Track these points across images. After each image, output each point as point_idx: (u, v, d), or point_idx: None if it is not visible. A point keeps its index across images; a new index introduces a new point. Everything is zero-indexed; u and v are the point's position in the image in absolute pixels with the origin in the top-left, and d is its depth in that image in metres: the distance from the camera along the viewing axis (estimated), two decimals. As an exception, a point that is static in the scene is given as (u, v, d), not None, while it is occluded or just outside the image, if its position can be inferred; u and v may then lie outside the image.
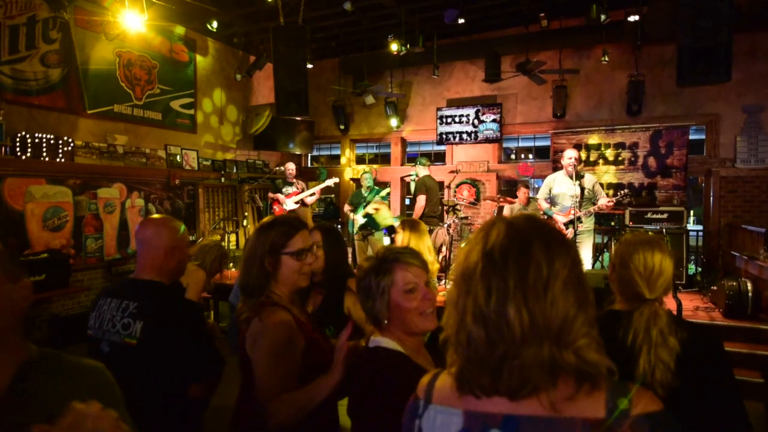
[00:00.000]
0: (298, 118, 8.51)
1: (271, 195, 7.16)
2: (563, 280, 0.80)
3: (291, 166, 7.35)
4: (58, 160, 5.82)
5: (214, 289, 3.95)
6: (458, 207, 6.97)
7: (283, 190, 7.07)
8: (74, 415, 0.90)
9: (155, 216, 1.92)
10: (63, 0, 5.93)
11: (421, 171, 6.87)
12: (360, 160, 10.09)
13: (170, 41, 7.52)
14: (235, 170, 8.62)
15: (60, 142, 5.84)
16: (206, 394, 1.83)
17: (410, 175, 7.19)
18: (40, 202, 5.67)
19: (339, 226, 9.40)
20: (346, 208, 7.28)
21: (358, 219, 6.87)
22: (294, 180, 7.25)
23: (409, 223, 3.26)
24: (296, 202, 7.05)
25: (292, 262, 1.64)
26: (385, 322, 1.38)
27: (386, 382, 1.30)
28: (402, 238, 3.13)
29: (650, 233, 1.67)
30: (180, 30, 7.63)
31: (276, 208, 7.08)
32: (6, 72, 5.44)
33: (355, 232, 6.94)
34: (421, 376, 0.98)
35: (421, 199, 6.72)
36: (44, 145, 5.69)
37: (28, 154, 5.53)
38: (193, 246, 3.25)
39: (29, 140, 5.54)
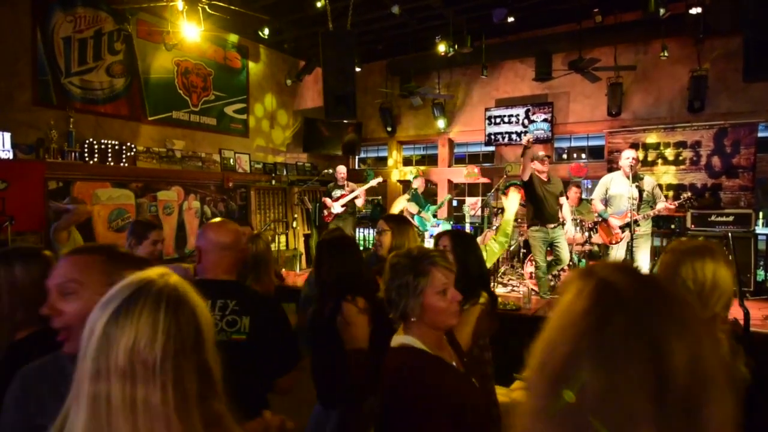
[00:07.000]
0: (346, 121, 8.60)
1: (323, 199, 7.22)
2: None
3: (341, 169, 7.25)
4: (121, 164, 6.15)
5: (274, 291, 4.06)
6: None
7: (333, 194, 7.03)
8: (262, 423, 1.13)
9: (215, 220, 2.03)
10: (126, 13, 6.27)
11: None
12: (407, 161, 10.09)
13: (224, 49, 7.80)
14: (285, 173, 8.83)
15: (123, 147, 6.18)
16: (292, 386, 1.93)
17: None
18: (106, 205, 6.02)
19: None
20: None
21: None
22: (344, 183, 7.19)
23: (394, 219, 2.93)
24: (343, 205, 7.00)
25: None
26: (413, 319, 1.46)
27: (415, 377, 1.36)
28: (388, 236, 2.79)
29: (701, 239, 1.53)
30: (233, 38, 7.90)
31: (326, 212, 7.05)
32: (76, 83, 5.82)
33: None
34: (445, 368, 1.06)
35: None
36: (109, 150, 6.03)
37: (95, 159, 5.88)
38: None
39: (96, 146, 5.90)
